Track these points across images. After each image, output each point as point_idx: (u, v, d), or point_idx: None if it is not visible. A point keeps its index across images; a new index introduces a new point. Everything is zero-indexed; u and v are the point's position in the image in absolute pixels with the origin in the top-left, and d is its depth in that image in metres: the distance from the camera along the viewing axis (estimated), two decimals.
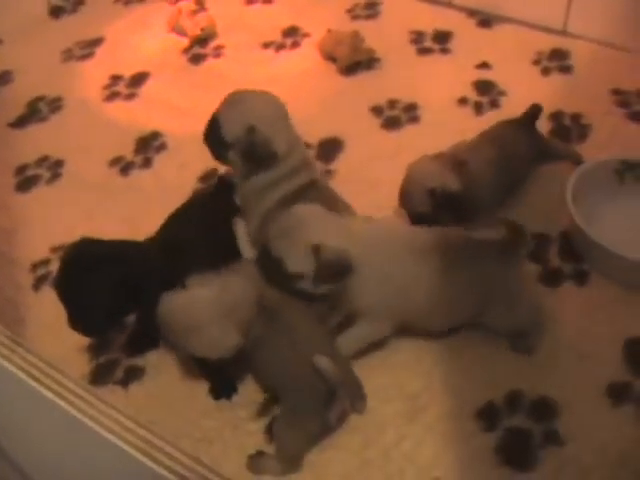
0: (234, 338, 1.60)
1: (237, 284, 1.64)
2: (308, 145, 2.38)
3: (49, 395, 1.05)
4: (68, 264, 1.68)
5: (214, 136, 1.99)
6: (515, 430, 1.67)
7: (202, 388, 1.81)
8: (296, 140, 1.99)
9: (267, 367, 1.67)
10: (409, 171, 1.99)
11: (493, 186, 2.03)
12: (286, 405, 1.65)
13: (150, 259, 1.74)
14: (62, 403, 1.04)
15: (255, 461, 1.65)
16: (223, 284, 1.63)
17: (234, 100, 1.99)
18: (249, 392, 1.78)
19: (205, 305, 1.60)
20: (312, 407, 1.60)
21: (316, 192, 1.94)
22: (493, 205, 2.05)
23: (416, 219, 1.96)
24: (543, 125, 2.39)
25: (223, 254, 1.85)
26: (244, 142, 1.91)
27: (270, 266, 1.65)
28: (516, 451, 1.63)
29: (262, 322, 1.63)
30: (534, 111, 2.19)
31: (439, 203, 1.92)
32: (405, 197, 2.00)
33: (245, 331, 1.61)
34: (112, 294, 1.65)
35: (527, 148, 2.14)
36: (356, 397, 1.70)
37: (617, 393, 1.72)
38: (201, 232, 1.86)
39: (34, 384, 1.07)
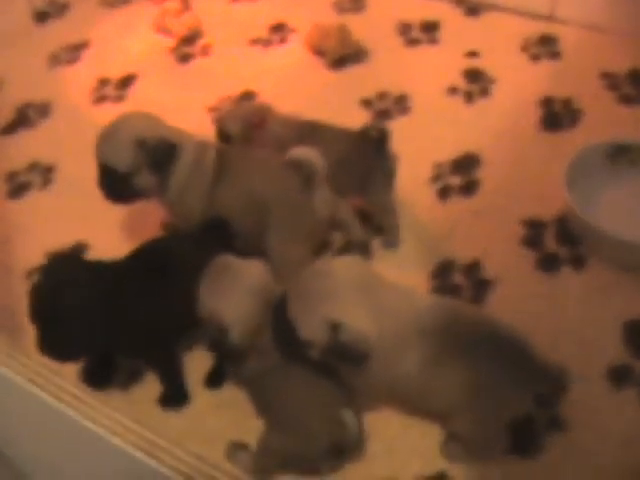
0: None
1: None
2: None
3: (50, 400, 1.04)
4: (44, 288, 1.57)
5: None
6: (519, 417, 1.66)
7: (203, 389, 1.81)
8: None
9: (275, 400, 1.59)
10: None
11: None
12: (280, 440, 1.57)
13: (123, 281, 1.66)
14: (63, 407, 1.03)
15: (233, 450, 1.65)
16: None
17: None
18: None
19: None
20: (308, 454, 1.54)
21: None
22: None
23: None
24: (534, 112, 2.40)
25: None
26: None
27: (282, 324, 1.49)
28: (521, 438, 1.63)
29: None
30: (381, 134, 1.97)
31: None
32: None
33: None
34: (90, 318, 1.55)
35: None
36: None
37: (618, 376, 1.72)
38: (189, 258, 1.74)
39: (35, 389, 1.06)
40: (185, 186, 1.88)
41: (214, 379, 1.83)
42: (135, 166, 1.83)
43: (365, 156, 1.97)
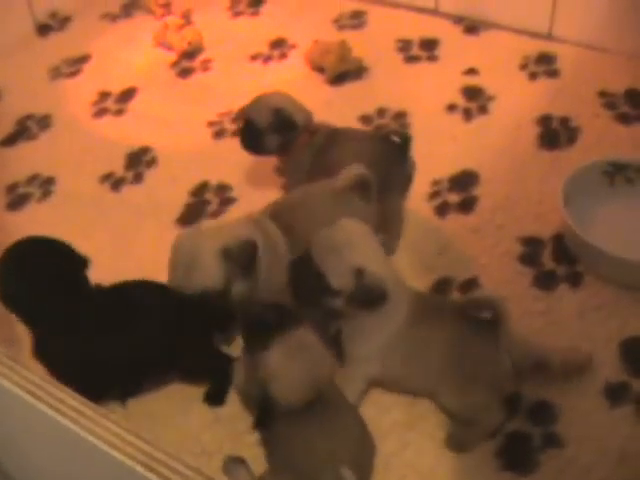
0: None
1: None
2: None
3: (48, 411, 1.04)
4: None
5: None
6: (515, 434, 1.66)
7: (200, 403, 1.80)
8: None
9: (287, 443, 1.57)
10: (270, 91, 2.16)
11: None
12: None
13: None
14: (61, 419, 1.03)
15: (230, 465, 1.65)
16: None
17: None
18: None
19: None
20: None
21: None
22: None
23: (245, 128, 2.12)
24: (532, 129, 2.41)
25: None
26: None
27: (308, 277, 1.62)
28: (517, 455, 1.63)
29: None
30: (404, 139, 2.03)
31: (276, 123, 2.06)
32: (248, 109, 2.13)
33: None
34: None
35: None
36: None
37: (615, 394, 1.72)
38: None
39: (32, 400, 1.06)
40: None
41: (214, 397, 1.82)
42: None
43: (387, 160, 2.00)
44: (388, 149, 2.02)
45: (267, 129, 2.08)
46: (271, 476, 1.60)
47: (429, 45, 2.85)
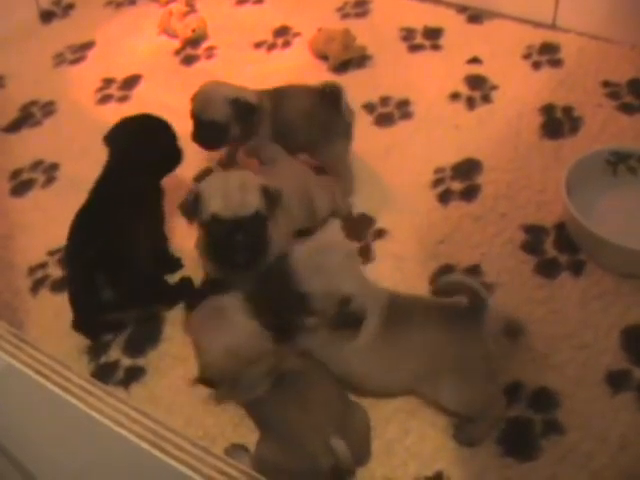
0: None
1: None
2: None
3: (56, 390, 1.05)
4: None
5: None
6: (516, 420, 1.67)
7: (203, 388, 1.81)
8: None
9: (269, 418, 1.62)
10: (208, 83, 2.19)
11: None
12: (277, 455, 1.57)
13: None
14: (69, 397, 1.04)
15: (232, 452, 1.66)
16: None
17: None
18: None
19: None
20: (306, 475, 1.56)
21: None
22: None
23: (205, 128, 2.13)
24: (535, 119, 2.41)
25: None
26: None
27: (288, 294, 1.60)
28: (518, 441, 1.64)
29: (272, 384, 1.59)
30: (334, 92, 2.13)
31: (237, 113, 2.10)
32: (200, 110, 2.13)
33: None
34: None
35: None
36: (362, 455, 1.64)
37: (616, 381, 1.73)
38: None
39: (41, 380, 1.07)
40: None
41: None
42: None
43: (323, 111, 2.11)
44: (323, 102, 2.11)
45: (230, 122, 2.11)
46: (262, 444, 1.62)
47: (433, 34, 2.85)
